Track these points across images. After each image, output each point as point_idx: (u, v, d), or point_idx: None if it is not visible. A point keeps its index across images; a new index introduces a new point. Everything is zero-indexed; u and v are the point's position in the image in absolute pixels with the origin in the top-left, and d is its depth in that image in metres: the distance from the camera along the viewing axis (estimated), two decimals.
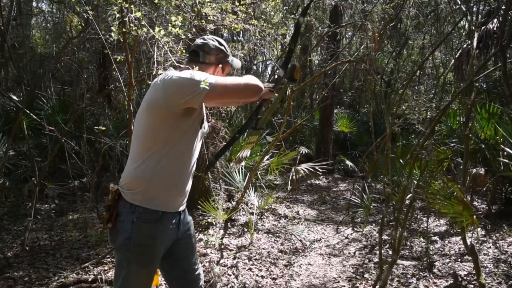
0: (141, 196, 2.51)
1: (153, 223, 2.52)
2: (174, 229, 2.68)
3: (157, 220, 2.53)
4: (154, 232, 2.53)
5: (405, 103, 8.11)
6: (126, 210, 2.51)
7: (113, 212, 2.55)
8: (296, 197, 10.17)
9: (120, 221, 2.51)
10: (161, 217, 2.55)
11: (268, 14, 11.95)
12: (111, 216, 2.54)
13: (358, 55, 8.46)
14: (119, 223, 2.52)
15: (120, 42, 4.77)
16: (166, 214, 2.59)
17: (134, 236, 2.48)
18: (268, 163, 8.17)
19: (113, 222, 2.54)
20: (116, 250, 2.58)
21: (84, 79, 11.24)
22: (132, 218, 2.49)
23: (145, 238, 2.51)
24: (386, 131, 6.22)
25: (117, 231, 2.52)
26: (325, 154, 12.84)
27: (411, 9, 11.79)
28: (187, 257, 2.83)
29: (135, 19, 3.58)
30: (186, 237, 2.81)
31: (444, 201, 4.41)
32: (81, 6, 5.11)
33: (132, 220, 2.48)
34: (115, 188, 2.59)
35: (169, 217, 2.62)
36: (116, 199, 2.57)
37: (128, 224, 2.48)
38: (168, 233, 2.62)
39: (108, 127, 8.40)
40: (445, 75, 8.64)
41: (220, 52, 2.82)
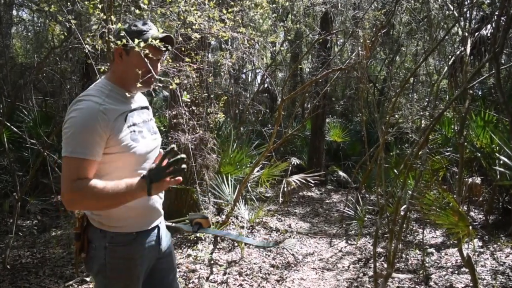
0: (109, 220, 2.42)
1: (128, 246, 2.45)
2: (154, 247, 2.60)
3: (132, 241, 2.46)
4: (131, 254, 2.46)
5: (398, 111, 8.14)
6: (97, 235, 2.43)
7: (84, 240, 2.46)
8: (288, 210, 10.16)
9: (93, 248, 2.43)
10: (136, 237, 2.48)
11: (256, 21, 12.00)
12: (83, 244, 2.47)
13: (349, 62, 8.49)
14: (92, 250, 2.44)
15: (103, 52, 4.76)
16: (142, 233, 2.51)
17: (110, 261, 2.40)
18: (258, 175, 8.18)
19: (85, 251, 2.46)
20: (94, 278, 2.51)
21: (67, 89, 11.21)
22: (104, 243, 2.41)
23: (122, 262, 2.44)
24: (380, 140, 6.24)
25: (91, 259, 2.44)
26: (317, 165, 12.84)
27: (403, 15, 11.90)
28: (169, 277, 2.77)
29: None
30: (167, 255, 2.74)
31: (439, 212, 4.43)
32: (63, 14, 5.11)
33: (105, 246, 2.40)
34: (81, 214, 2.50)
35: (145, 235, 2.54)
36: (85, 226, 2.48)
37: (101, 250, 2.40)
38: (147, 252, 2.54)
39: None
40: (438, 83, 8.68)
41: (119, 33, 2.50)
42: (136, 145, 2.39)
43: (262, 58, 16.46)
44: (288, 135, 8.89)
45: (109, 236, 2.40)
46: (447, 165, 7.90)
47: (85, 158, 2.19)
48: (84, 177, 2.20)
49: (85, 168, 2.20)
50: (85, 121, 2.20)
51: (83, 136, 2.19)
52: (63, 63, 10.66)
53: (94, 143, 2.21)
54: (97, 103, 2.27)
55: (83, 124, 2.20)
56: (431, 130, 5.13)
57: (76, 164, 2.18)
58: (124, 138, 2.33)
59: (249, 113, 13.23)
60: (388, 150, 10.57)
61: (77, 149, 2.18)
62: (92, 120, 2.21)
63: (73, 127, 2.20)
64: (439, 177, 7.89)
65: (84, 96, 2.32)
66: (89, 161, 2.21)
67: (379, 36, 7.95)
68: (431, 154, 7.68)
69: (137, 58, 2.42)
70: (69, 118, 2.23)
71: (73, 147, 2.18)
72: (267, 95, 17.07)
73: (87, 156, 2.20)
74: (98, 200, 2.21)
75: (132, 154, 2.36)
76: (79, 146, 2.18)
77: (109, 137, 2.27)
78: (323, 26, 11.73)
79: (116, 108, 2.35)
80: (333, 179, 13.59)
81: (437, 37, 9.37)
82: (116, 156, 2.32)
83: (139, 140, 2.42)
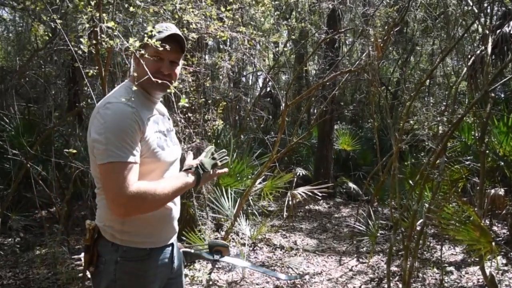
0: (122, 233, 2.45)
1: (141, 261, 2.47)
2: (167, 265, 2.63)
3: (145, 257, 2.48)
4: (143, 271, 2.48)
5: (413, 116, 8.15)
6: (108, 249, 2.45)
7: (93, 253, 2.48)
8: (293, 225, 10.16)
9: (102, 262, 2.45)
10: (150, 253, 2.50)
11: (258, 20, 12.03)
12: (92, 258, 2.48)
13: (359, 64, 8.50)
14: (101, 265, 2.45)
15: (91, 54, 4.78)
16: (156, 250, 2.54)
17: (120, 277, 2.42)
18: (261, 187, 8.17)
19: (94, 264, 2.47)
20: None
21: (51, 95, 11.22)
22: (115, 257, 2.42)
23: (133, 279, 2.45)
24: (393, 148, 6.24)
25: (100, 274, 2.46)
26: (325, 176, 12.83)
27: (418, 11, 11.90)
28: None
29: (107, 28, 3.59)
30: (178, 275, 2.77)
31: (459, 227, 4.42)
32: (47, 14, 5.13)
33: (116, 260, 2.42)
34: (92, 225, 2.51)
35: (159, 252, 2.57)
36: (96, 238, 2.50)
37: (112, 265, 2.42)
38: (160, 270, 2.56)
39: (79, 150, 8.38)
40: (457, 85, 8.68)
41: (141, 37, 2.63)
42: (162, 152, 2.49)
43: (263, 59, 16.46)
44: (293, 144, 8.89)
45: (121, 250, 2.43)
46: (467, 175, 7.89)
47: (131, 161, 2.29)
48: (133, 180, 2.28)
49: (133, 172, 2.30)
50: (122, 123, 2.30)
51: (124, 138, 2.28)
52: (47, 66, 10.67)
53: (135, 145, 2.33)
54: (128, 105, 2.36)
55: (121, 127, 2.29)
56: (449, 137, 5.13)
57: (123, 168, 2.27)
58: (152, 143, 2.43)
59: (250, 119, 13.26)
60: (403, 159, 10.55)
61: (121, 152, 2.27)
62: (128, 122, 2.31)
63: (110, 131, 2.28)
64: (458, 189, 7.88)
65: (111, 99, 2.41)
66: (134, 163, 2.31)
67: (391, 35, 7.96)
68: (449, 163, 7.67)
69: (149, 60, 2.53)
70: (102, 123, 2.31)
71: (116, 152, 2.26)
72: (270, 99, 17.09)
73: (133, 159, 2.30)
74: (155, 200, 2.33)
75: (157, 161, 2.47)
76: (122, 150, 2.28)
77: (140, 140, 2.37)
78: (330, 24, 11.74)
79: (144, 111, 2.45)
80: (343, 191, 13.58)
81: (455, 35, 9.37)
82: (142, 160, 2.40)
83: (165, 148, 2.52)
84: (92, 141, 2.34)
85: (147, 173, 2.43)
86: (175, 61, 2.60)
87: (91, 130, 2.37)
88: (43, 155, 8.40)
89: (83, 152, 8.65)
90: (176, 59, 2.60)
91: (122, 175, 2.25)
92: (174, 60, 2.59)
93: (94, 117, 2.37)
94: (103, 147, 2.27)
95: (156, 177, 2.47)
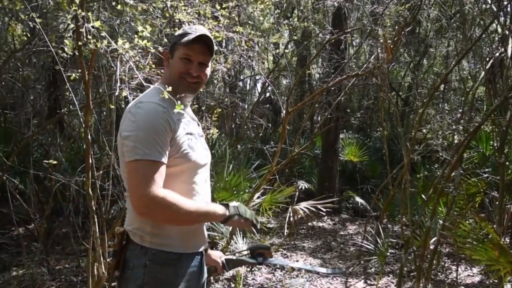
0: (152, 235, 2.56)
1: (171, 266, 2.57)
2: (196, 273, 2.70)
3: (174, 262, 2.58)
4: (172, 277, 2.57)
5: (426, 125, 8.17)
6: (136, 253, 2.55)
7: (120, 258, 2.59)
8: (295, 244, 10.16)
9: (130, 267, 2.56)
10: (179, 258, 2.60)
11: (256, 19, 12.07)
12: (118, 262, 2.59)
13: (367, 67, 8.52)
14: (129, 271, 2.56)
15: (74, 56, 4.79)
16: (185, 256, 2.64)
17: (148, 282, 2.51)
18: (259, 202, 8.16)
19: (120, 269, 2.59)
20: None
21: (30, 101, 11.24)
22: (144, 261, 2.52)
23: (162, 284, 2.54)
24: (404, 160, 6.26)
25: (127, 281, 2.56)
26: (329, 190, 12.82)
27: (432, 10, 11.93)
28: None
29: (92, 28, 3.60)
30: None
31: (476, 246, 4.43)
32: (26, 12, 5.15)
33: (145, 264, 2.52)
34: (121, 230, 2.64)
35: (189, 258, 2.67)
36: (124, 244, 2.62)
37: (140, 269, 2.51)
38: (188, 277, 2.64)
39: (60, 161, 8.38)
40: (474, 90, 8.72)
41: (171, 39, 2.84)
42: (193, 153, 2.65)
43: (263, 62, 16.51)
44: (294, 154, 8.90)
45: (150, 253, 2.54)
46: (485, 189, 7.90)
47: (159, 161, 2.46)
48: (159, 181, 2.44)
49: (159, 172, 2.46)
50: (153, 122, 2.49)
51: (154, 137, 2.46)
52: (25, 69, 10.68)
53: (164, 145, 2.49)
54: (159, 105, 2.55)
55: (151, 126, 2.48)
56: (465, 147, 5.15)
57: (150, 166, 2.44)
58: (183, 144, 2.60)
59: (248, 128, 13.28)
60: (414, 172, 10.56)
61: (149, 151, 2.44)
62: (159, 121, 2.49)
63: (140, 129, 2.47)
64: (475, 204, 7.89)
65: (143, 99, 2.63)
66: (161, 164, 2.47)
67: (402, 35, 7.99)
68: (465, 176, 7.68)
69: (178, 60, 2.72)
70: (133, 121, 2.52)
71: (144, 150, 2.43)
72: (269, 106, 17.14)
73: (161, 158, 2.47)
74: (179, 213, 2.46)
75: (188, 161, 2.63)
76: (151, 148, 2.44)
77: (170, 140, 2.53)
78: (335, 23, 11.78)
79: (174, 112, 2.58)
80: (349, 207, 13.58)
81: (472, 36, 9.41)
82: (172, 161, 2.56)
83: (195, 149, 2.69)
84: (122, 139, 2.53)
85: (178, 174, 2.60)
86: (204, 63, 2.76)
87: (121, 129, 2.57)
88: (21, 166, 8.40)
89: (64, 163, 8.65)
90: (205, 61, 2.76)
91: (148, 174, 2.41)
92: (203, 62, 2.75)
93: (125, 117, 2.57)
94: (132, 144, 2.45)
95: (187, 179, 2.66)
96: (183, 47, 2.69)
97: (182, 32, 2.75)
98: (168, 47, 2.78)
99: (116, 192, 6.22)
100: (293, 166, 15.02)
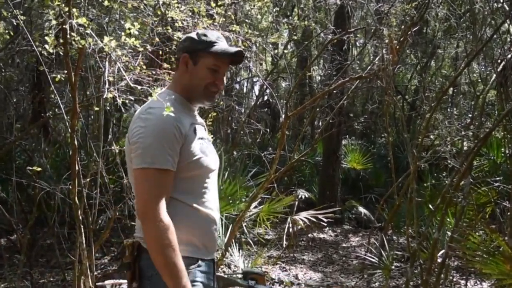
0: None
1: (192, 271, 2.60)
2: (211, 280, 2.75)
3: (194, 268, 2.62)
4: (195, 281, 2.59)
5: (434, 131, 8.17)
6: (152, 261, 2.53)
7: (135, 269, 2.61)
8: (294, 256, 10.15)
9: (147, 277, 2.58)
10: (199, 264, 2.65)
11: (254, 17, 12.07)
12: (134, 274, 2.61)
13: (372, 69, 8.53)
14: (146, 281, 2.58)
15: (60, 56, 4.79)
16: (203, 262, 2.69)
17: None
18: (256, 212, 8.16)
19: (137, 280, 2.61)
20: None
21: (13, 104, 11.23)
22: None
23: None
24: (410, 167, 6.26)
25: None
26: (331, 199, 12.83)
27: (440, 8, 11.94)
28: None
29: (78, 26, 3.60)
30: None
31: (487, 259, 4.43)
32: (8, 9, 5.14)
33: None
34: (130, 242, 2.66)
35: (205, 265, 2.71)
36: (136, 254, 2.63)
37: (159, 277, 2.50)
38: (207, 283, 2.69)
39: (44, 167, 8.37)
40: (485, 94, 8.72)
41: (187, 41, 2.84)
42: (206, 158, 2.72)
43: (260, 63, 16.53)
44: (294, 161, 8.91)
45: None
46: (496, 198, 7.90)
47: (167, 169, 2.52)
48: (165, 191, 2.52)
49: (167, 181, 2.54)
50: (163, 129, 2.54)
51: (163, 145, 2.52)
52: (8, 70, 10.69)
53: (173, 152, 2.55)
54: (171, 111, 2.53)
55: (161, 133, 2.54)
56: (475, 154, 5.15)
57: (158, 175, 2.51)
58: (195, 150, 2.66)
59: (245, 133, 13.30)
60: (421, 180, 10.57)
61: (158, 159, 2.50)
62: (170, 128, 2.54)
63: (150, 136, 2.53)
64: (486, 214, 7.89)
65: (153, 104, 2.65)
66: (170, 172, 2.54)
67: (409, 36, 8.01)
68: (475, 184, 7.69)
69: (205, 70, 2.77)
70: (142, 127, 2.57)
71: (152, 158, 2.50)
72: (267, 110, 17.16)
73: (169, 167, 2.53)
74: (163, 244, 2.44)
75: (200, 167, 2.70)
76: (159, 156, 2.51)
77: (181, 146, 2.59)
78: (338, 22, 11.79)
79: (186, 118, 2.69)
80: (352, 217, 13.57)
81: (482, 37, 9.42)
82: (185, 166, 2.63)
83: (208, 154, 2.75)
84: (131, 145, 2.59)
85: (190, 179, 2.69)
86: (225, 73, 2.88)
87: (130, 134, 2.62)
88: (3, 173, 8.40)
89: (49, 170, 8.64)
90: (226, 71, 2.92)
91: (155, 183, 2.49)
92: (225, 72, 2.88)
93: (134, 122, 2.63)
94: (140, 151, 2.52)
95: (199, 184, 2.74)
96: (213, 57, 2.75)
97: (207, 39, 2.78)
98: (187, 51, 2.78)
99: (104, 201, 6.21)
100: (293, 174, 15.02)
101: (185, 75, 2.80)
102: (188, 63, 2.78)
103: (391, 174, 8.75)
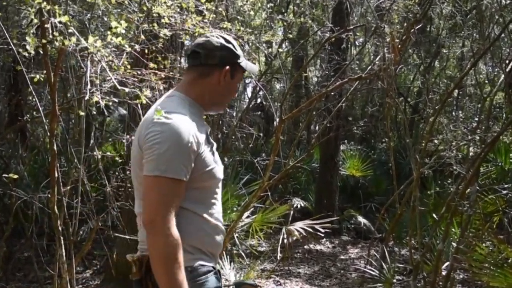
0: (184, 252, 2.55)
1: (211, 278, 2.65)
2: None
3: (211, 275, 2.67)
4: None
5: (438, 135, 8.18)
6: None
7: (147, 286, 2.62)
8: (289, 269, 10.15)
9: None
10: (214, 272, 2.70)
11: (246, 14, 12.08)
12: None
13: (372, 69, 8.54)
14: None
15: (38, 55, 4.78)
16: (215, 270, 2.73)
17: None
18: (249, 222, 8.16)
19: None
20: None
21: None
22: None
23: None
24: (413, 174, 6.26)
25: None
26: (328, 208, 12.82)
27: (445, 5, 11.96)
28: None
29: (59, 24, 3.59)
30: None
31: (494, 271, 4.44)
32: None
33: None
34: (135, 257, 2.67)
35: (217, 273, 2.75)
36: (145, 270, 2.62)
37: None
38: None
39: (22, 175, 8.35)
40: (492, 96, 8.74)
41: (225, 50, 2.83)
42: (217, 168, 2.78)
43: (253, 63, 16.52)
44: (289, 168, 8.91)
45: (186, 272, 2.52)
46: (504, 207, 7.92)
47: (179, 179, 2.51)
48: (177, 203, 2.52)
49: (179, 191, 2.54)
50: (181, 136, 2.54)
51: (179, 153, 2.53)
52: None
53: (188, 162, 2.56)
54: (187, 117, 2.62)
55: (178, 140, 2.53)
56: (482, 160, 5.16)
57: (171, 185, 2.50)
58: (209, 159, 2.70)
59: (236, 138, 13.27)
60: (425, 188, 10.59)
61: (172, 168, 2.50)
62: (187, 136, 2.55)
63: (166, 142, 2.52)
64: (493, 224, 7.90)
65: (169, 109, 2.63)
66: (182, 183, 2.54)
67: (411, 34, 8.02)
68: (482, 192, 7.70)
69: (236, 84, 2.94)
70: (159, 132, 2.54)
71: (167, 166, 2.49)
72: (261, 113, 17.17)
73: (182, 177, 2.53)
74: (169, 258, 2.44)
75: (213, 177, 2.76)
76: (174, 165, 2.51)
77: (196, 156, 2.61)
78: (336, 20, 11.81)
79: (200, 126, 2.71)
80: (350, 227, 13.59)
81: (490, 35, 9.45)
82: (198, 177, 2.65)
83: (219, 163, 2.82)
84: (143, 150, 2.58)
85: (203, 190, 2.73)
86: None
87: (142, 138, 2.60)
88: None
89: (26, 178, 8.62)
90: None
91: (167, 192, 2.49)
92: None
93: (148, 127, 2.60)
94: (154, 157, 2.51)
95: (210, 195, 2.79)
96: (242, 72, 2.93)
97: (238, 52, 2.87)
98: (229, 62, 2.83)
99: (86, 210, 6.18)
100: (288, 182, 15.02)
101: (217, 87, 2.83)
102: (227, 76, 2.81)
103: (392, 182, 8.75)
